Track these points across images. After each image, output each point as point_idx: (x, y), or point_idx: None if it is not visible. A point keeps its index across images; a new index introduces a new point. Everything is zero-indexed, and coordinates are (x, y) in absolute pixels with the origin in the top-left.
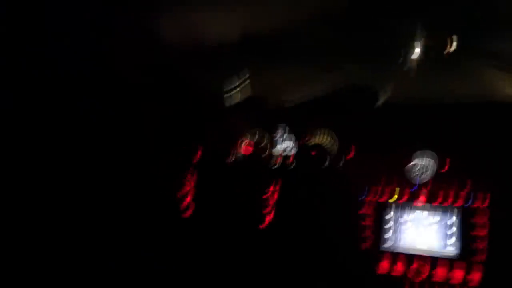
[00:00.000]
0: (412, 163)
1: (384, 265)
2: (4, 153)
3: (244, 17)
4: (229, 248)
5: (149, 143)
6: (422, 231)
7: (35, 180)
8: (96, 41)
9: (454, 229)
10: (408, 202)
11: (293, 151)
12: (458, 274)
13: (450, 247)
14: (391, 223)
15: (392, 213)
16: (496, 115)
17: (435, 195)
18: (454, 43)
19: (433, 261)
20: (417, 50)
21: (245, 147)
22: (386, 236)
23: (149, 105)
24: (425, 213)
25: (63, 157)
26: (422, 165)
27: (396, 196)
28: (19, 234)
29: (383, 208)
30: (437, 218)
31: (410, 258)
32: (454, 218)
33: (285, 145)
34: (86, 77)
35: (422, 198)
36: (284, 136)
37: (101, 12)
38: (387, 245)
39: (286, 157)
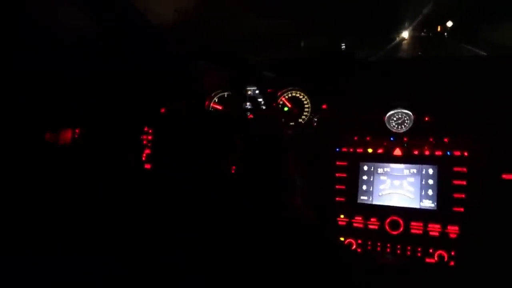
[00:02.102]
0: (389, 114)
1: (360, 219)
2: None
3: None
4: (195, 201)
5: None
6: (399, 184)
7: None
8: None
9: (431, 181)
10: (384, 154)
11: (264, 107)
12: (435, 227)
13: (427, 199)
14: (367, 175)
15: (368, 166)
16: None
17: (412, 147)
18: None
19: (410, 213)
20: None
21: (214, 104)
22: (362, 189)
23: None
24: (402, 165)
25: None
26: (399, 116)
27: (371, 149)
28: None
29: (358, 160)
30: (413, 170)
31: (386, 211)
32: (431, 170)
33: (255, 101)
34: None
35: (398, 150)
36: (255, 93)
37: None
38: (363, 198)
39: (256, 113)
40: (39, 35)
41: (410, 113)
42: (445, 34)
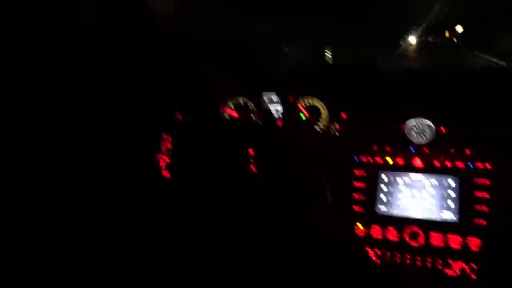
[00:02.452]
0: (410, 125)
1: (379, 230)
2: None
3: None
4: (211, 210)
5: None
6: (419, 195)
7: None
8: None
9: (452, 193)
10: (404, 165)
11: (282, 115)
12: (457, 239)
13: (448, 211)
14: (387, 186)
15: (387, 176)
16: (496, 81)
17: (433, 158)
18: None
19: (431, 225)
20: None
21: (230, 110)
22: (381, 200)
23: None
24: (422, 176)
25: None
26: (420, 127)
27: (391, 159)
28: None
29: (378, 171)
30: (434, 181)
31: (406, 222)
32: (452, 182)
33: (273, 109)
34: None
35: (419, 160)
36: (273, 100)
37: None
38: (383, 209)
39: (274, 121)
40: (46, 34)
41: (431, 123)
42: (455, 40)
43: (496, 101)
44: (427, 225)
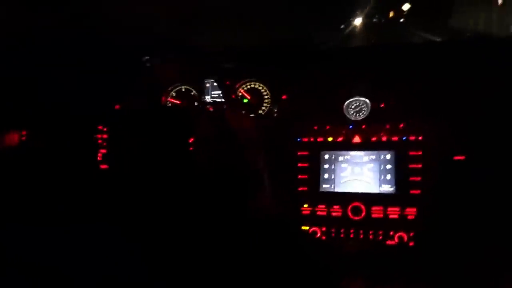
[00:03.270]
0: (347, 102)
1: (323, 207)
2: None
3: None
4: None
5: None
6: (359, 170)
7: None
8: None
9: (389, 166)
10: (344, 142)
11: (224, 100)
12: (395, 210)
13: (386, 184)
14: (329, 164)
15: (328, 154)
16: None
17: (371, 134)
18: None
19: (371, 198)
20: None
21: (171, 98)
22: (324, 177)
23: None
24: (361, 152)
25: None
26: (357, 104)
27: (331, 137)
28: None
29: (319, 149)
30: (372, 156)
31: (348, 197)
32: (389, 155)
33: (215, 94)
34: None
35: (357, 137)
36: (215, 85)
37: None
38: (326, 187)
39: (217, 106)
40: None
41: (367, 100)
42: (400, 20)
43: (425, 76)
44: (368, 199)
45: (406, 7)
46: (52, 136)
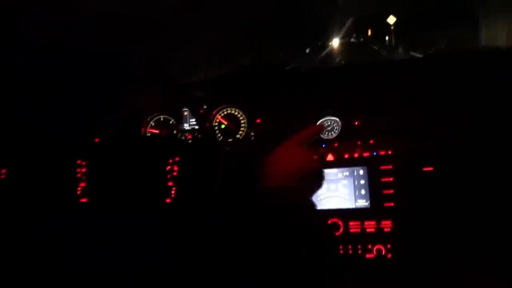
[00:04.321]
0: (319, 122)
1: None
2: None
3: None
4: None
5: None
6: (335, 187)
7: None
8: None
9: (363, 181)
10: (318, 161)
11: (202, 127)
12: (371, 223)
13: (361, 199)
14: None
15: None
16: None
17: (343, 151)
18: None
19: (348, 214)
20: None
21: (150, 128)
22: None
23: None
24: (335, 169)
25: None
26: (328, 123)
27: None
28: None
29: None
30: (346, 173)
31: (326, 214)
32: (361, 171)
33: (192, 122)
34: None
35: (331, 155)
36: (192, 113)
37: None
38: None
39: (193, 133)
40: None
41: (337, 119)
42: (385, 37)
43: (392, 93)
44: (345, 215)
45: (391, 20)
46: (32, 171)
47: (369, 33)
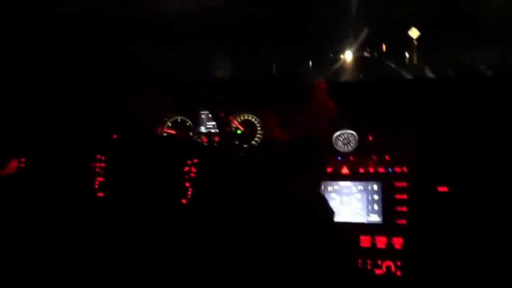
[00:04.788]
0: (336, 135)
1: None
2: None
3: None
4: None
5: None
6: (348, 200)
7: None
8: None
9: (377, 196)
10: (333, 173)
11: (219, 131)
12: (382, 239)
13: (374, 214)
14: None
15: None
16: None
17: (358, 165)
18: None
19: (359, 228)
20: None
21: (167, 129)
22: None
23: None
24: (350, 183)
25: None
26: (345, 137)
27: None
28: None
29: None
30: (360, 187)
31: (338, 226)
32: (376, 186)
33: (209, 125)
34: None
35: (346, 168)
36: (209, 116)
37: None
38: None
39: (210, 137)
40: None
41: (354, 133)
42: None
43: (410, 110)
44: (357, 228)
45: (414, 33)
46: (50, 163)
47: (383, 48)
